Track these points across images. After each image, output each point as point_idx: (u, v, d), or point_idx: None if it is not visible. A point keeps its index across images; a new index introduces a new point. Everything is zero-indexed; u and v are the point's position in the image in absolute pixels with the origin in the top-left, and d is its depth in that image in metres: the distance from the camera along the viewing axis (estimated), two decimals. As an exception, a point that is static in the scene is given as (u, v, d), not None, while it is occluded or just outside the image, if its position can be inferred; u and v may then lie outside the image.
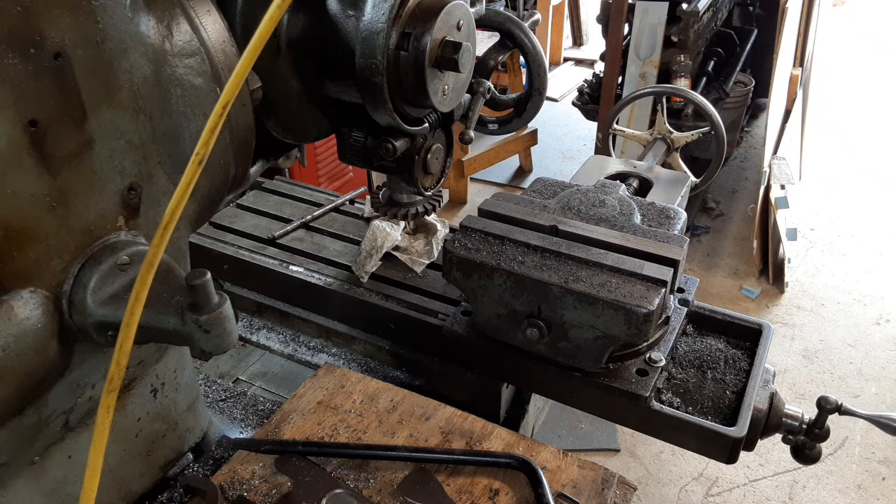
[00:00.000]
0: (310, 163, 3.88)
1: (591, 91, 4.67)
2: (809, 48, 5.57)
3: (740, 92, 4.68)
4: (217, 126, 0.64)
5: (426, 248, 1.78)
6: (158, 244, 0.68)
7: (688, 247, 1.41)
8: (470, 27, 1.17)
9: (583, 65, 7.85)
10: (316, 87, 1.18)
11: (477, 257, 1.35)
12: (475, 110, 1.38)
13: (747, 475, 3.10)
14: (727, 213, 5.07)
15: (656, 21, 4.03)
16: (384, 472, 1.22)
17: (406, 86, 1.12)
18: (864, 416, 1.34)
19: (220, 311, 0.80)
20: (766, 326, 1.52)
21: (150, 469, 1.20)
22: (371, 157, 1.26)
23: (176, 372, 1.19)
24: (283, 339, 1.77)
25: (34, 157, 0.77)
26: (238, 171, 1.07)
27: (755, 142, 5.78)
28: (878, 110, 6.59)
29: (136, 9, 0.86)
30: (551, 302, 1.30)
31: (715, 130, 2.54)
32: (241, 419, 1.45)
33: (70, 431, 1.00)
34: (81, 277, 0.86)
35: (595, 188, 1.61)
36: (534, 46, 1.41)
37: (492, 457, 1.24)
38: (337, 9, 1.10)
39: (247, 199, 2.08)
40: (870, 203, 5.17)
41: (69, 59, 0.78)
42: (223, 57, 0.96)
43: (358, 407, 1.36)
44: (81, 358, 0.92)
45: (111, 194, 0.89)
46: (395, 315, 1.63)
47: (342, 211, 2.03)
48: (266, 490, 1.18)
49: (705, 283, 4.32)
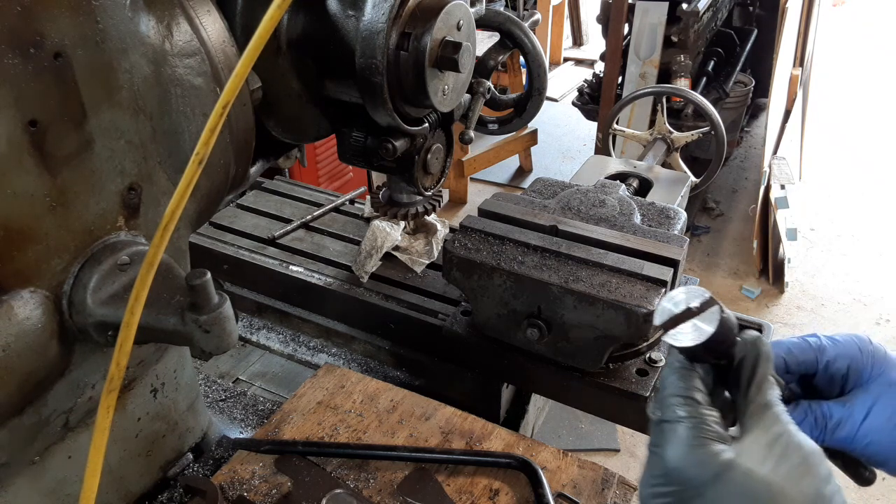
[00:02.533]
0: (310, 163, 3.88)
1: (591, 91, 4.67)
2: (809, 48, 5.58)
3: (740, 92, 4.69)
4: (217, 126, 0.64)
5: (426, 248, 1.78)
6: (158, 244, 0.68)
7: (688, 247, 1.41)
8: (470, 27, 1.17)
9: (583, 65, 7.85)
10: (316, 87, 1.18)
11: (477, 257, 1.35)
12: (475, 110, 1.38)
13: (747, 475, 3.10)
14: (727, 213, 5.07)
15: (656, 21, 4.03)
16: (384, 472, 1.22)
17: (406, 86, 1.12)
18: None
19: (220, 311, 0.80)
20: (766, 326, 1.52)
21: (150, 469, 1.20)
22: (371, 157, 1.26)
23: (176, 372, 1.19)
24: (283, 339, 1.77)
25: (34, 157, 0.77)
26: (238, 171, 1.07)
27: (755, 142, 5.78)
28: (879, 110, 6.59)
29: (136, 9, 0.86)
30: (551, 302, 1.30)
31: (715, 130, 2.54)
32: (241, 419, 1.45)
33: (70, 431, 1.00)
34: (81, 277, 0.86)
35: (595, 188, 1.61)
36: (534, 46, 1.41)
37: (492, 457, 1.24)
38: (337, 9, 1.10)
39: (247, 199, 2.07)
40: (870, 203, 5.17)
41: (69, 59, 0.78)
42: (223, 57, 0.96)
43: (358, 407, 1.36)
44: (81, 358, 0.92)
45: (111, 194, 0.89)
46: (395, 315, 1.63)
47: (342, 211, 2.03)
48: (266, 490, 1.18)
49: (705, 283, 4.32)
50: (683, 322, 0.68)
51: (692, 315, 0.68)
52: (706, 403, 0.69)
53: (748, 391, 0.70)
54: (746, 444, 0.65)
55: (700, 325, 0.67)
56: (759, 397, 0.69)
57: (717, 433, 0.66)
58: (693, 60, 4.16)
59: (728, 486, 0.62)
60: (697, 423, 0.66)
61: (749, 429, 0.67)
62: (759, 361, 0.71)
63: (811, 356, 0.79)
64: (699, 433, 0.65)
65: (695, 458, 0.64)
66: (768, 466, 0.62)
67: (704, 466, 0.63)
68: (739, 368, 0.72)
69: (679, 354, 0.71)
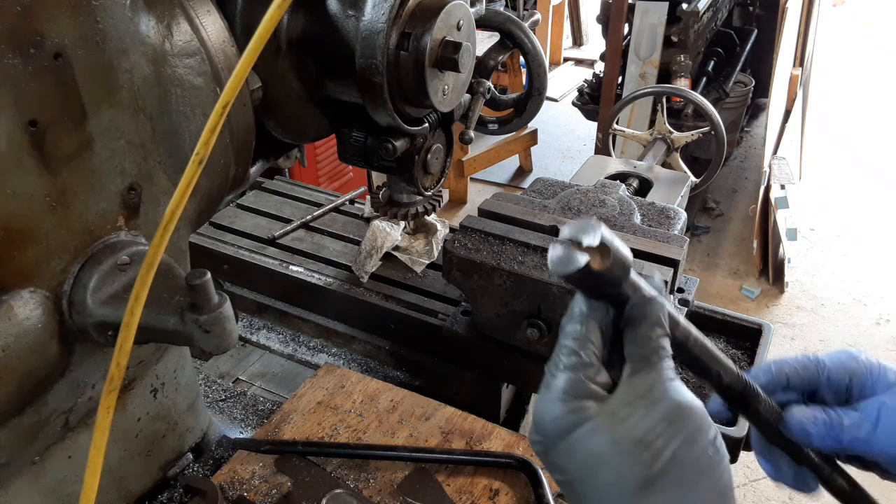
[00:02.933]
0: (310, 163, 3.88)
1: (591, 91, 4.67)
2: (809, 48, 5.57)
3: (740, 92, 4.69)
4: (217, 126, 0.64)
5: (426, 248, 1.78)
6: (158, 244, 0.68)
7: (688, 247, 1.40)
8: (470, 27, 1.17)
9: (583, 65, 7.85)
10: (316, 87, 1.18)
11: (477, 257, 1.35)
12: (475, 110, 1.38)
13: (747, 475, 3.10)
14: (727, 213, 5.07)
15: (656, 21, 4.03)
16: (384, 472, 1.22)
17: (406, 86, 1.12)
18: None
19: (220, 311, 0.80)
20: (765, 326, 1.52)
21: (149, 469, 1.20)
22: (371, 157, 1.26)
23: (176, 372, 1.19)
24: (283, 339, 1.77)
25: (34, 157, 0.77)
26: (238, 171, 1.07)
27: (755, 142, 5.78)
28: (879, 110, 6.59)
29: (136, 9, 0.86)
30: (551, 302, 1.30)
31: (715, 130, 2.55)
32: (241, 419, 1.45)
33: (70, 431, 1.00)
34: (81, 277, 0.86)
35: (595, 188, 1.61)
36: (534, 46, 1.41)
37: (492, 457, 1.24)
38: (337, 9, 1.10)
39: (247, 199, 2.07)
40: (870, 203, 5.17)
41: (69, 59, 0.78)
42: (223, 57, 0.96)
43: (358, 407, 1.36)
44: (81, 358, 0.92)
45: (111, 194, 0.89)
46: (395, 315, 1.63)
47: (342, 211, 2.03)
48: (266, 490, 1.18)
49: (705, 283, 4.32)
50: (570, 251, 0.62)
51: (580, 245, 0.61)
52: (595, 355, 0.63)
53: (632, 340, 0.64)
54: (612, 399, 0.61)
55: (582, 253, 0.61)
56: (636, 347, 0.63)
57: (588, 389, 0.61)
58: (693, 60, 4.16)
59: (573, 443, 0.59)
60: (572, 377, 0.62)
61: (621, 382, 0.62)
62: (645, 308, 0.64)
63: (812, 371, 0.77)
64: (570, 386, 0.61)
65: (555, 412, 0.61)
66: (628, 423, 0.58)
67: (559, 422, 0.60)
68: (626, 317, 0.65)
69: (581, 301, 0.66)
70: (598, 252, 0.61)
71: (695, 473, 0.58)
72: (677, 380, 0.62)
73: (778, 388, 0.76)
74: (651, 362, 0.62)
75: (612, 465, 0.58)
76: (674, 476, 0.57)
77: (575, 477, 0.61)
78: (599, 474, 0.59)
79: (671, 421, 0.58)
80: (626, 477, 0.58)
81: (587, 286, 0.65)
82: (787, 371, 0.77)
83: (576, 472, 0.60)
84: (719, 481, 0.59)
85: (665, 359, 0.63)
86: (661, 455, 0.57)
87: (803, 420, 0.73)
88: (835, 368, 0.77)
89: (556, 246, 0.62)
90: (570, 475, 0.61)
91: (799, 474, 0.77)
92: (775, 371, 0.77)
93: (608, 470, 0.58)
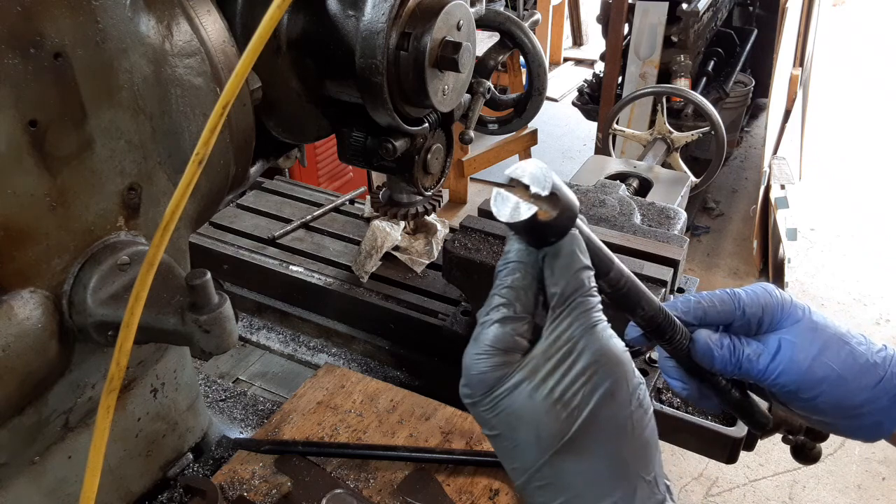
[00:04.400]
0: (310, 163, 3.88)
1: (591, 91, 4.68)
2: (809, 48, 5.58)
3: (740, 92, 4.69)
4: (217, 126, 0.64)
5: (426, 248, 1.78)
6: (158, 244, 0.67)
7: (688, 247, 1.41)
8: (470, 27, 1.17)
9: (583, 65, 7.85)
10: (316, 87, 1.18)
11: (477, 257, 1.35)
12: (475, 110, 1.38)
13: (747, 475, 3.10)
14: (727, 213, 5.07)
15: (656, 21, 4.03)
16: (384, 472, 1.22)
17: (406, 86, 1.12)
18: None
19: (220, 311, 0.80)
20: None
21: (149, 469, 1.20)
22: (371, 157, 1.26)
23: (176, 372, 1.19)
24: (283, 339, 1.77)
25: (34, 157, 0.77)
26: (238, 171, 1.07)
27: (755, 142, 5.78)
28: (878, 110, 6.59)
29: (136, 9, 0.86)
30: (551, 302, 1.30)
31: (715, 130, 2.55)
32: (241, 419, 1.45)
33: (70, 431, 1.00)
34: (81, 277, 0.86)
35: (595, 188, 1.61)
36: (534, 46, 1.41)
37: (492, 457, 1.24)
38: (337, 9, 1.10)
39: (247, 199, 2.07)
40: (870, 203, 5.17)
41: (69, 59, 0.78)
42: (223, 57, 0.96)
43: (358, 407, 1.36)
44: (81, 358, 0.92)
45: (111, 194, 0.89)
46: (395, 315, 1.63)
47: (342, 211, 2.03)
48: (266, 490, 1.18)
49: (705, 283, 4.32)
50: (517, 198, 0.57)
51: (528, 191, 0.57)
52: (527, 307, 0.60)
53: (550, 279, 0.60)
54: (533, 353, 0.59)
55: (530, 202, 0.57)
56: (556, 285, 0.59)
57: (515, 343, 0.59)
58: (693, 60, 4.16)
59: (496, 400, 0.58)
60: (500, 331, 0.59)
61: (544, 331, 0.59)
62: (570, 247, 0.60)
63: (729, 304, 0.78)
64: (497, 339, 0.59)
65: (481, 366, 0.59)
66: (548, 383, 0.57)
67: (484, 377, 0.59)
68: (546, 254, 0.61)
69: (517, 246, 0.61)
70: (547, 201, 0.57)
71: (615, 429, 0.57)
72: (601, 322, 0.59)
73: (695, 320, 0.78)
74: (574, 304, 0.59)
75: (531, 424, 0.57)
76: (593, 434, 0.57)
77: (499, 432, 0.60)
78: (520, 432, 0.58)
79: (590, 376, 0.57)
80: (544, 436, 0.57)
81: (530, 235, 0.61)
82: (705, 304, 0.78)
83: (499, 428, 0.60)
84: (641, 436, 0.59)
85: (588, 296, 0.59)
86: (579, 414, 0.56)
87: (709, 342, 0.76)
88: (750, 302, 0.79)
89: (503, 192, 0.58)
90: (494, 430, 0.61)
91: (701, 389, 0.81)
92: (693, 303, 0.78)
93: (527, 429, 0.58)
